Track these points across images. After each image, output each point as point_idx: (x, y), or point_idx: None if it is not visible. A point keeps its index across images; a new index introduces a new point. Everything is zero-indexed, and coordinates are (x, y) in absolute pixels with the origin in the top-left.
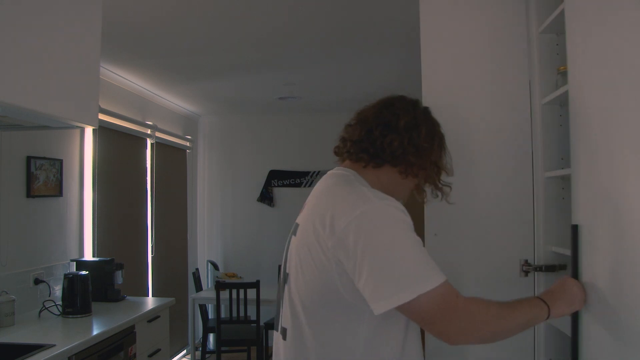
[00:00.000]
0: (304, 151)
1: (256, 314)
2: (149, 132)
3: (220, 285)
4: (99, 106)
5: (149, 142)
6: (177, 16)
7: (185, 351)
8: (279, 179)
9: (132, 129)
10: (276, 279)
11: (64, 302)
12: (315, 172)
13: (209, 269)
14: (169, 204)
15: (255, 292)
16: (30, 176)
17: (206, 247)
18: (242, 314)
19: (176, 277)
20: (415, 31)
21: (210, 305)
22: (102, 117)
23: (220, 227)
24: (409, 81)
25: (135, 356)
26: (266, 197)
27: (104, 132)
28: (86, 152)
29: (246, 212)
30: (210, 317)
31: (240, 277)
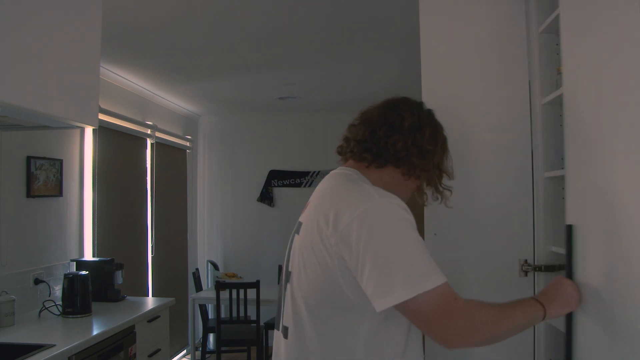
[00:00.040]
0: (304, 151)
1: (256, 314)
2: (149, 132)
3: (220, 285)
4: (99, 106)
5: (149, 142)
6: (177, 16)
7: (185, 351)
8: (279, 179)
9: (132, 129)
10: (276, 279)
11: (64, 302)
12: (315, 172)
13: (209, 269)
14: (169, 204)
15: (255, 292)
16: (30, 176)
17: (206, 247)
18: (242, 314)
19: (176, 277)
20: (415, 31)
21: (210, 305)
22: (102, 117)
23: (220, 227)
24: (409, 81)
25: (135, 356)
26: (266, 197)
27: (104, 132)
28: (86, 152)
29: (246, 212)
30: (210, 317)
31: (240, 277)
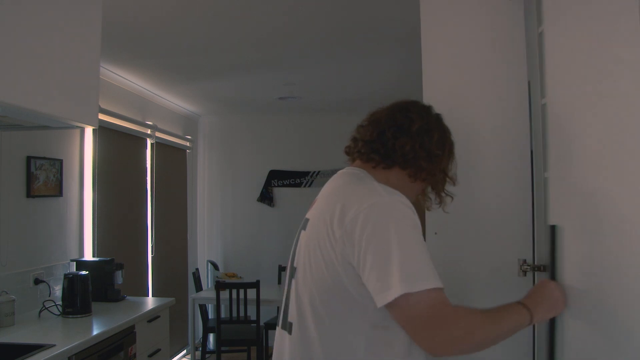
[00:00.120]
0: (304, 151)
1: (256, 314)
2: (149, 132)
3: (220, 285)
4: (99, 106)
5: (149, 142)
6: (177, 16)
7: (185, 351)
8: (279, 179)
9: (132, 129)
10: (276, 279)
11: (64, 302)
12: (315, 172)
13: (209, 269)
14: (169, 204)
15: (255, 292)
16: (30, 176)
17: (206, 247)
18: (242, 314)
19: (176, 277)
20: (415, 31)
21: (210, 305)
22: (102, 117)
23: (220, 227)
24: (409, 81)
25: (135, 356)
26: (266, 197)
27: (104, 132)
28: (86, 152)
29: (246, 212)
30: (210, 317)
31: (240, 277)
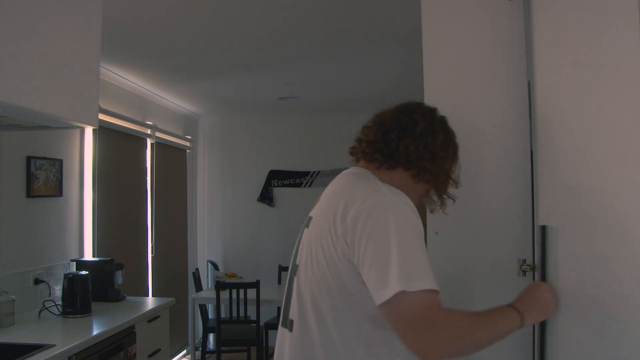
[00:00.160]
0: (304, 151)
1: (256, 314)
2: (149, 132)
3: (220, 285)
4: (99, 106)
5: (149, 142)
6: (177, 16)
7: (185, 351)
8: (279, 179)
9: (132, 129)
10: (276, 279)
11: (64, 302)
12: (315, 172)
13: (209, 269)
14: (169, 204)
15: (255, 292)
16: (30, 176)
17: (206, 247)
18: (242, 314)
19: (176, 277)
20: (415, 31)
21: (210, 305)
22: (102, 117)
23: (220, 227)
24: (409, 81)
25: (135, 356)
26: (266, 197)
27: (104, 132)
28: (86, 152)
29: (246, 212)
30: (210, 317)
31: (240, 277)
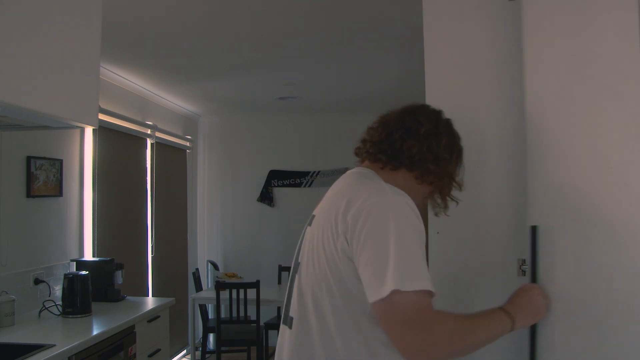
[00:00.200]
0: (304, 151)
1: (256, 314)
2: (149, 132)
3: (220, 285)
4: (99, 106)
5: (149, 142)
6: (177, 16)
7: (185, 351)
8: (279, 179)
9: (132, 129)
10: (276, 279)
11: (64, 302)
12: (315, 172)
13: (209, 269)
14: (169, 204)
15: (255, 292)
16: (30, 176)
17: (206, 247)
18: (242, 314)
19: (176, 277)
20: (415, 31)
21: (210, 305)
22: (102, 117)
23: (220, 227)
24: (409, 81)
25: (135, 356)
26: (266, 197)
27: (104, 132)
28: (86, 152)
29: (246, 212)
30: (210, 317)
31: (240, 277)
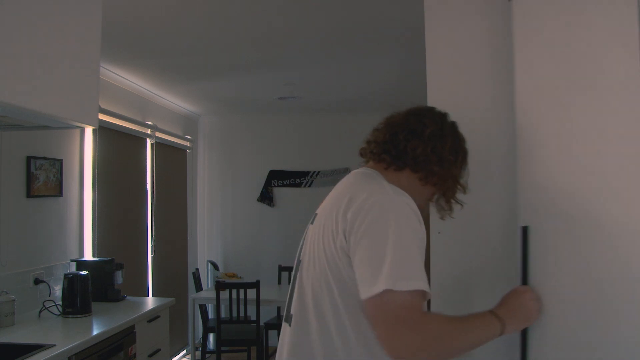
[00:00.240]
0: (304, 151)
1: (256, 314)
2: (149, 132)
3: (220, 285)
4: (99, 106)
5: (149, 142)
6: (177, 16)
7: (185, 351)
8: (279, 179)
9: (132, 129)
10: (276, 279)
11: (64, 302)
12: (315, 172)
13: (209, 269)
14: (169, 204)
15: (255, 292)
16: (30, 176)
17: (206, 247)
18: (242, 314)
19: (176, 277)
20: (415, 31)
21: (210, 305)
22: (102, 117)
23: (220, 227)
24: (409, 81)
25: (135, 356)
26: (266, 197)
27: (104, 132)
28: (86, 152)
29: (246, 212)
30: (210, 317)
31: (240, 277)
